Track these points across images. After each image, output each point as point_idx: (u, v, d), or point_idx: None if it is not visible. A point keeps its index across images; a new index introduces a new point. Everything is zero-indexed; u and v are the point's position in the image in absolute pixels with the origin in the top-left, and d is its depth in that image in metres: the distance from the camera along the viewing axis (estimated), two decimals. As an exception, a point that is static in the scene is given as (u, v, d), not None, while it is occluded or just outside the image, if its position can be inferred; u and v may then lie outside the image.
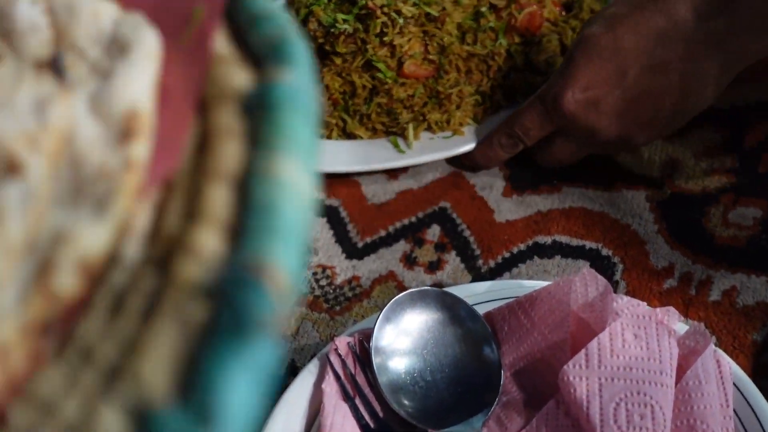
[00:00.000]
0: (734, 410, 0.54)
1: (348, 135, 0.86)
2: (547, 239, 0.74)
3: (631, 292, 0.69)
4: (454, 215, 0.77)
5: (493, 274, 0.72)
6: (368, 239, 0.77)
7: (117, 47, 0.29)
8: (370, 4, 0.82)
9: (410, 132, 0.83)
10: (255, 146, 0.27)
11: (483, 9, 0.85)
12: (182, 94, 0.29)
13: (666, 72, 0.67)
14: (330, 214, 0.79)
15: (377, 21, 0.82)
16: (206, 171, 0.27)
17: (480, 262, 0.73)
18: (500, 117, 0.82)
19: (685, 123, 0.71)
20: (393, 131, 0.84)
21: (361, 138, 0.85)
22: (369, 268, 0.75)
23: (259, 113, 0.28)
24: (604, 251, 0.72)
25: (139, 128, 0.27)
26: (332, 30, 0.84)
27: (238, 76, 0.29)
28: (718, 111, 0.78)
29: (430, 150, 0.81)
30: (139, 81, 0.28)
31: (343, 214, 0.79)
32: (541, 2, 0.87)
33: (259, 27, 0.30)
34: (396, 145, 0.83)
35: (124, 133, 0.27)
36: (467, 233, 0.76)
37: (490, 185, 0.79)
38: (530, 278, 0.71)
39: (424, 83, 0.83)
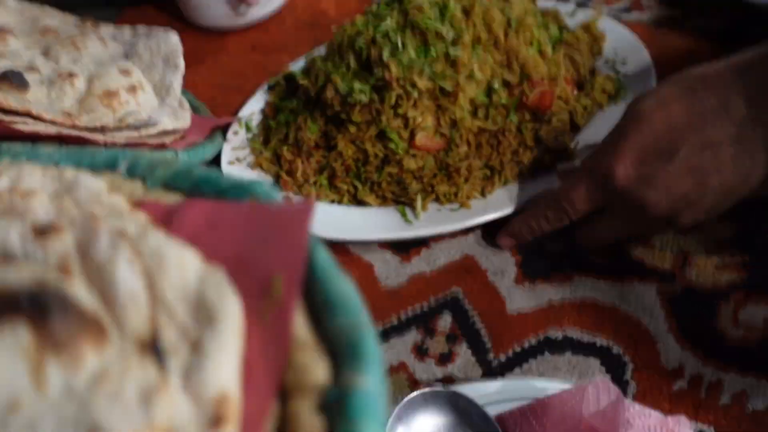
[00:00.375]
0: None
1: (358, 201, 0.86)
2: (558, 334, 0.74)
3: (641, 393, 0.69)
4: (466, 303, 0.78)
5: (504, 369, 0.72)
6: (380, 327, 0.78)
7: (204, 313, 0.30)
8: (387, 76, 0.83)
9: (419, 203, 0.83)
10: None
11: (496, 86, 0.85)
12: (264, 374, 0.29)
13: (717, 151, 0.67)
14: (342, 298, 0.80)
15: (392, 93, 0.83)
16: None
17: (491, 355, 0.74)
18: (507, 190, 0.83)
19: (731, 204, 0.70)
20: (402, 201, 0.85)
21: (371, 205, 0.85)
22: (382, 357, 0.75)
23: (337, 418, 0.28)
24: (615, 349, 0.72)
25: (230, 415, 0.28)
26: (349, 99, 0.85)
27: (318, 370, 0.30)
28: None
29: (437, 222, 0.82)
30: (229, 362, 0.29)
31: (356, 298, 0.80)
32: (553, 80, 0.88)
33: (335, 316, 0.31)
34: (404, 215, 0.83)
35: (215, 418, 0.28)
36: (479, 324, 0.76)
37: (502, 270, 0.80)
38: (541, 374, 0.72)
39: (435, 155, 0.84)
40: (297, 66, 1.04)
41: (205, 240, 0.36)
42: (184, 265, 0.32)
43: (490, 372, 0.72)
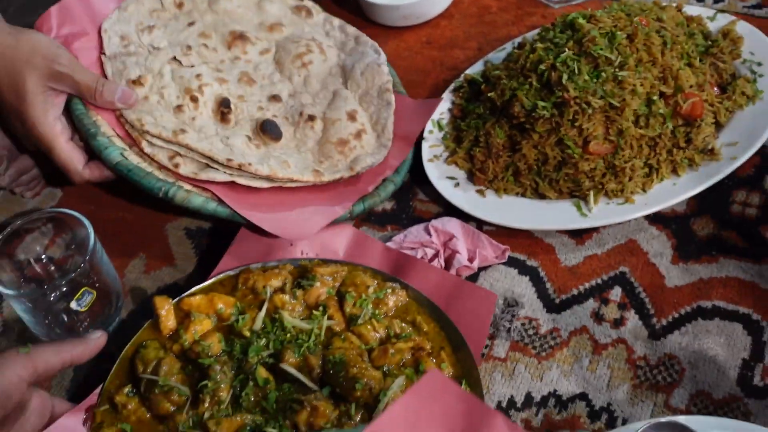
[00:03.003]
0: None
1: (539, 195, 1.07)
2: (708, 304, 0.95)
3: (777, 351, 0.90)
4: (632, 279, 0.99)
5: (665, 331, 0.94)
6: (564, 296, 1.00)
7: None
8: (566, 96, 1.03)
9: (591, 198, 1.04)
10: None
11: (654, 97, 1.04)
12: None
13: None
14: (531, 274, 1.02)
15: (570, 110, 1.03)
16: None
17: (654, 320, 0.95)
18: (662, 187, 1.02)
19: None
20: (576, 195, 1.06)
21: (550, 198, 1.06)
22: (566, 321, 0.97)
23: None
24: (754, 316, 0.93)
25: None
26: (533, 113, 1.05)
27: None
28: None
29: (607, 214, 1.02)
30: None
31: (542, 274, 1.02)
32: (701, 87, 1.06)
33: None
34: (579, 208, 1.04)
35: None
36: (643, 295, 0.98)
37: (660, 253, 1.00)
38: (695, 336, 0.93)
39: (604, 158, 1.04)
40: (473, 69, 1.25)
41: None
42: None
43: (655, 334, 0.94)
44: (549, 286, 1.01)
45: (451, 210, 1.09)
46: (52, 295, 0.98)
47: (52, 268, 1.07)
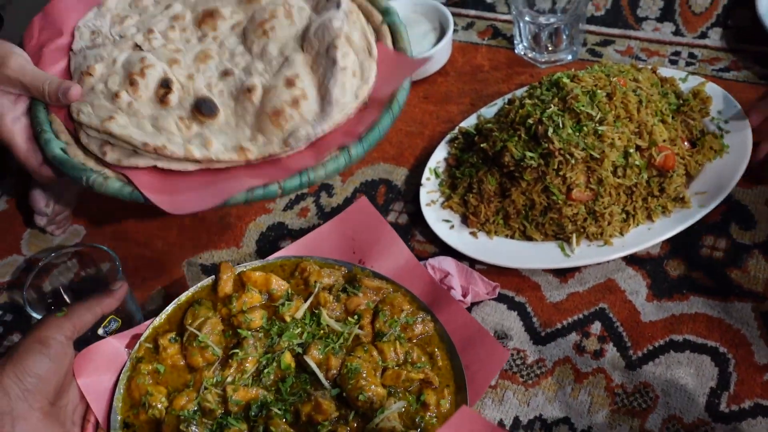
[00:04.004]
0: None
1: (527, 237, 1.18)
2: (679, 337, 1.05)
3: (740, 381, 0.99)
4: (611, 315, 1.09)
5: (641, 362, 1.04)
6: (549, 330, 1.09)
7: None
8: (551, 147, 1.13)
9: (573, 240, 1.14)
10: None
11: (631, 150, 1.14)
12: None
13: None
14: (519, 309, 1.12)
15: (555, 160, 1.14)
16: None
17: (631, 352, 1.05)
18: (638, 231, 1.13)
19: None
20: (560, 237, 1.16)
21: (536, 240, 1.17)
22: (551, 352, 1.07)
23: None
24: (721, 349, 1.03)
25: None
26: (522, 163, 1.16)
27: None
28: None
29: (588, 255, 1.13)
30: None
31: (529, 309, 1.12)
32: (673, 141, 1.17)
33: None
34: (562, 249, 1.14)
35: None
36: (621, 329, 1.07)
37: (636, 291, 1.10)
38: (668, 366, 1.02)
39: (585, 204, 1.14)
40: (467, 122, 1.35)
41: None
42: None
43: (632, 365, 1.03)
44: (535, 321, 1.11)
45: (446, 250, 1.19)
46: (81, 322, 1.07)
47: (78, 298, 1.16)
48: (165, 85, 1.05)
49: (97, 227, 1.34)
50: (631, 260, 1.14)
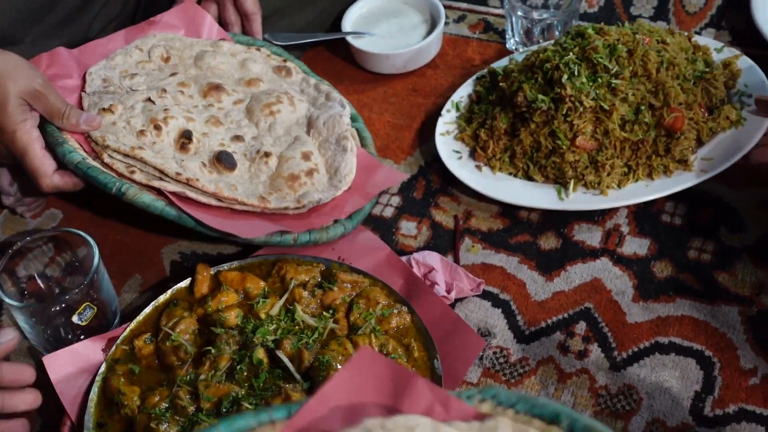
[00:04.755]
0: None
1: (528, 177, 1.21)
2: (665, 340, 1.03)
3: (725, 385, 0.98)
4: (596, 315, 1.07)
5: (625, 364, 1.02)
6: (533, 328, 1.08)
7: None
8: (563, 93, 1.16)
9: (571, 185, 1.17)
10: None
11: (642, 107, 1.16)
12: None
13: None
14: (504, 306, 1.10)
15: (564, 105, 1.16)
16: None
17: (615, 353, 1.03)
18: (636, 186, 1.15)
19: None
20: (559, 182, 1.18)
21: (536, 181, 1.20)
22: (534, 351, 1.05)
23: None
24: (707, 353, 1.01)
25: None
26: (533, 105, 1.19)
27: None
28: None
29: (582, 202, 1.15)
30: None
31: (514, 307, 1.10)
32: (690, 107, 1.18)
33: None
34: (559, 193, 1.17)
35: None
36: (606, 330, 1.06)
37: (622, 291, 1.09)
38: (653, 369, 1.01)
39: (588, 153, 1.17)
40: (499, 63, 1.37)
41: None
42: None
43: (616, 366, 1.02)
44: (519, 319, 1.09)
45: (449, 182, 1.26)
46: (55, 308, 1.04)
47: (53, 283, 1.14)
48: (186, 135, 1.16)
49: (74, 212, 1.31)
50: (618, 260, 1.12)
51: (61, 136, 1.12)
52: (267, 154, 1.17)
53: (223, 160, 1.15)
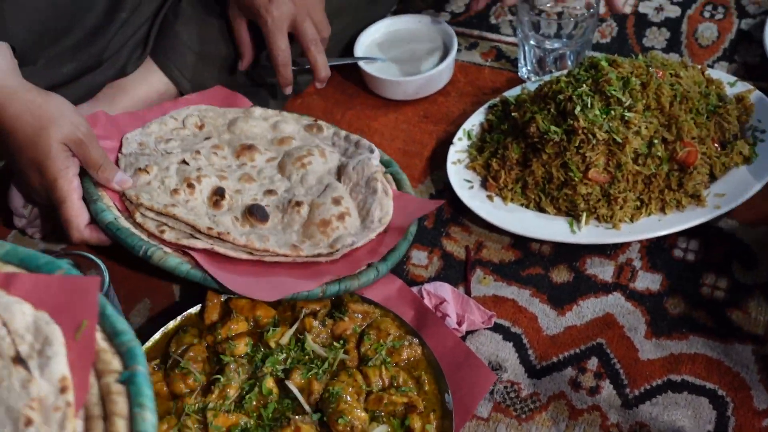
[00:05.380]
0: None
1: (540, 209, 1.20)
2: (677, 378, 1.03)
3: (738, 426, 0.97)
4: (608, 351, 1.07)
5: (637, 401, 1.01)
6: (544, 363, 1.07)
7: (41, 335, 0.70)
8: (576, 125, 1.16)
9: (583, 218, 1.17)
10: (130, 401, 0.68)
11: (656, 141, 1.16)
12: (83, 366, 0.70)
13: None
14: (515, 340, 1.09)
15: (577, 137, 1.16)
16: (110, 413, 0.68)
17: (627, 390, 1.03)
18: (649, 220, 1.15)
19: None
20: (571, 214, 1.18)
21: (548, 213, 1.19)
22: (546, 386, 1.04)
23: (130, 384, 0.70)
24: (720, 392, 1.00)
25: (69, 386, 0.68)
26: (545, 136, 1.18)
27: (115, 362, 0.71)
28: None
29: (594, 236, 1.15)
30: (63, 361, 0.70)
31: (525, 341, 1.09)
32: (702, 141, 1.18)
33: (117, 337, 0.73)
34: (571, 225, 1.17)
35: (62, 388, 0.68)
36: (618, 366, 1.05)
37: (635, 327, 1.08)
38: (665, 407, 1.00)
39: (601, 186, 1.16)
40: (511, 92, 1.37)
41: (33, 297, 0.73)
42: (23, 310, 0.72)
43: (628, 404, 1.01)
44: (531, 353, 1.08)
45: (460, 211, 1.25)
46: (64, 333, 1.04)
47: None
48: (219, 192, 1.19)
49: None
50: (631, 296, 1.12)
51: (96, 192, 1.15)
52: (299, 203, 1.19)
53: (255, 213, 1.16)
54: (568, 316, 1.11)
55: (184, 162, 1.23)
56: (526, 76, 1.46)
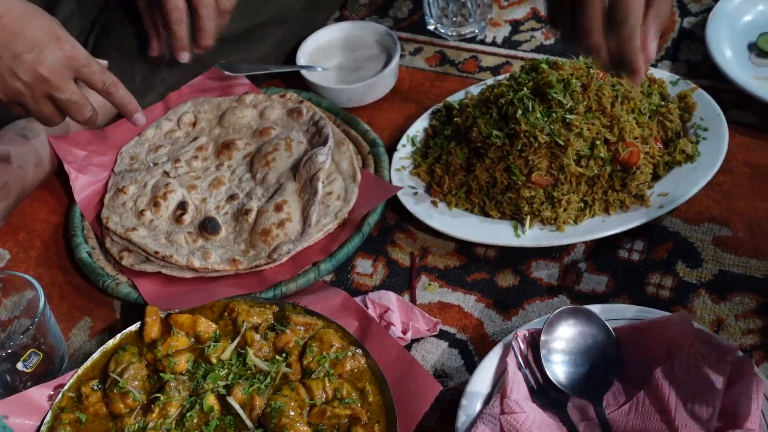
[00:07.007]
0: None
1: (485, 213, 1.20)
2: (623, 379, 1.02)
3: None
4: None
5: (584, 404, 1.00)
6: (491, 369, 1.06)
7: None
8: (518, 128, 1.16)
9: (527, 222, 1.16)
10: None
11: (598, 143, 1.16)
12: None
13: None
14: (461, 346, 1.08)
15: (519, 141, 1.16)
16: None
17: (574, 393, 1.02)
18: (593, 222, 1.15)
19: None
20: (515, 218, 1.17)
21: (493, 217, 1.19)
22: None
23: None
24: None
25: None
26: (488, 140, 1.18)
27: None
28: (753, 280, 1.06)
29: (538, 239, 1.14)
30: None
31: (471, 347, 1.08)
32: (645, 141, 1.18)
33: None
34: (515, 229, 1.16)
35: None
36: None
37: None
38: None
39: (544, 189, 1.16)
40: (454, 97, 1.37)
41: None
42: None
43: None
44: (477, 359, 1.07)
45: (405, 217, 1.24)
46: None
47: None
48: (182, 207, 1.25)
49: (23, 252, 1.28)
50: (577, 297, 1.11)
51: (78, 224, 1.26)
52: (247, 212, 1.21)
53: (206, 227, 1.21)
54: (514, 320, 1.11)
55: (165, 174, 1.30)
56: (433, 28, 1.52)
